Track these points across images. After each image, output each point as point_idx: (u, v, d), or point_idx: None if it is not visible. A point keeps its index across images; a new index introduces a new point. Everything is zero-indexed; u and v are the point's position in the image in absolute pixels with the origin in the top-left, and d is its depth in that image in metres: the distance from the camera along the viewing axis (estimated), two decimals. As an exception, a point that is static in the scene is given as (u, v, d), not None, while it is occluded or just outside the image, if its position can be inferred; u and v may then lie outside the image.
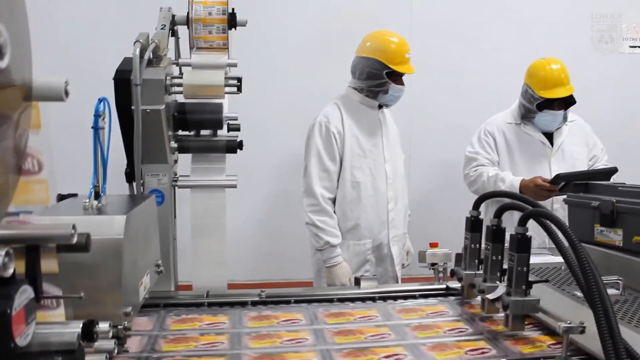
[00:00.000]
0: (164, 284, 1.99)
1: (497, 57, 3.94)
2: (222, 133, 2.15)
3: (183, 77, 2.03)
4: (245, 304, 1.93)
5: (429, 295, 2.03)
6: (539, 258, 2.70)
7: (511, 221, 1.71)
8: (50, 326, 0.96)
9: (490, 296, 1.66)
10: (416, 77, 3.74)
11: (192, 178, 2.13)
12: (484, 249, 1.77)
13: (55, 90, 0.89)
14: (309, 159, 2.91)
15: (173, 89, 2.00)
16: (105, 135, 1.59)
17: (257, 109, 3.49)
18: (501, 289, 1.63)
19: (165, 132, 1.96)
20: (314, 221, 2.86)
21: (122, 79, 1.86)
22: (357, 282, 2.11)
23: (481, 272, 1.80)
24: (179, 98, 2.11)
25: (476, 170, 3.24)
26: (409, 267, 3.19)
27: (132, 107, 1.84)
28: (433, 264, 2.13)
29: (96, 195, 1.56)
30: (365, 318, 1.80)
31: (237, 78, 2.05)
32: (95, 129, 1.55)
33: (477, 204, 1.92)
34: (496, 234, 1.71)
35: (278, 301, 1.95)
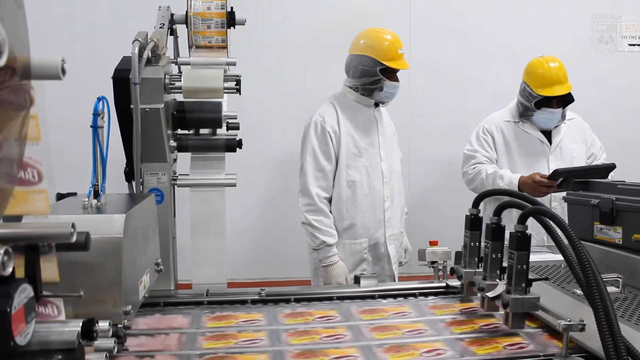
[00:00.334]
0: (164, 282, 1.99)
1: (497, 56, 3.93)
2: (222, 132, 2.15)
3: (182, 76, 2.02)
4: (245, 302, 1.94)
5: (429, 294, 2.04)
6: (539, 256, 2.71)
7: (510, 219, 1.72)
8: (50, 325, 0.96)
9: (490, 294, 1.66)
10: (416, 75, 3.76)
11: (191, 177, 2.13)
12: (483, 247, 1.77)
13: (52, 68, 0.89)
14: (304, 159, 2.91)
15: (172, 88, 1.99)
16: (104, 134, 1.59)
17: (255, 108, 3.50)
18: (501, 286, 1.63)
19: (164, 131, 1.96)
20: (310, 221, 2.85)
21: (121, 78, 1.85)
22: (356, 280, 2.11)
23: (481, 270, 1.80)
24: (178, 97, 2.11)
25: (474, 168, 3.24)
26: (408, 265, 3.19)
27: (131, 106, 1.84)
28: (433, 262, 2.13)
29: (95, 194, 1.56)
30: (399, 314, 1.85)
31: (236, 77, 2.05)
32: (95, 127, 1.55)
33: (476, 201, 1.91)
34: (496, 232, 1.70)
35: (278, 300, 1.96)
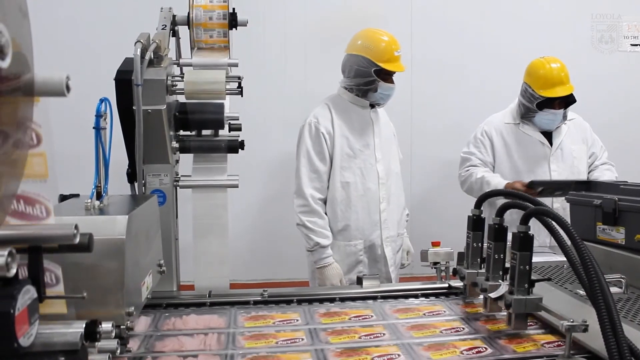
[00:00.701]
0: (166, 284, 1.99)
1: (498, 56, 3.94)
2: (224, 133, 2.15)
3: (184, 77, 2.03)
4: (247, 303, 1.94)
5: (431, 295, 2.04)
6: (541, 257, 2.71)
7: (510, 220, 1.72)
8: (53, 326, 0.96)
9: (493, 295, 1.66)
10: (417, 75, 3.77)
11: (193, 178, 2.13)
12: (486, 248, 1.77)
13: (57, 85, 0.89)
14: (299, 160, 2.90)
15: (174, 89, 2.00)
16: (106, 135, 1.59)
17: (256, 109, 3.49)
18: (503, 287, 1.63)
19: (166, 132, 1.96)
20: (304, 222, 2.85)
21: (123, 80, 1.85)
22: (359, 281, 2.11)
23: (483, 271, 1.80)
24: (180, 98, 2.11)
25: (467, 171, 3.26)
26: (410, 266, 3.18)
27: (134, 108, 1.84)
28: (435, 263, 2.13)
29: (98, 196, 1.56)
30: (434, 313, 1.85)
31: (238, 78, 2.05)
32: (97, 129, 1.55)
33: (479, 202, 1.92)
34: (498, 233, 1.71)
35: (279, 301, 1.96)
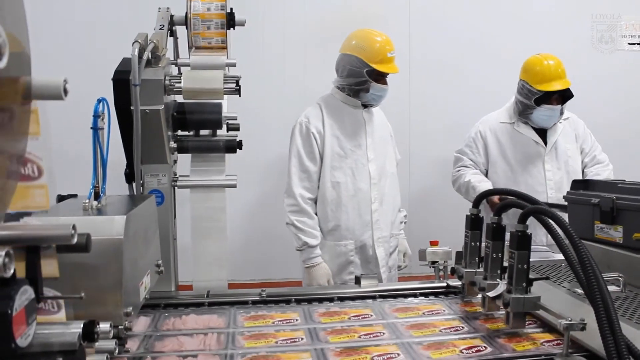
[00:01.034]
0: (165, 284, 1.99)
1: (497, 56, 3.93)
2: (222, 133, 2.15)
3: (182, 77, 2.03)
4: (246, 303, 1.95)
5: (430, 294, 2.04)
6: (539, 255, 2.71)
7: (506, 218, 1.72)
8: (51, 327, 0.96)
9: (491, 294, 1.66)
10: (416, 75, 3.77)
11: (191, 178, 2.13)
12: (484, 247, 1.77)
13: (54, 88, 0.89)
14: (290, 159, 2.90)
15: (172, 89, 1.99)
16: (104, 135, 1.59)
17: (254, 108, 3.48)
18: (502, 286, 1.63)
19: (164, 132, 1.96)
20: (293, 221, 2.84)
21: (121, 80, 1.85)
22: (357, 281, 2.12)
23: (482, 270, 1.81)
24: (178, 98, 2.11)
25: (458, 171, 3.28)
26: (409, 267, 3.17)
27: (131, 108, 1.84)
28: (433, 262, 2.13)
29: (96, 196, 1.56)
30: (433, 312, 1.86)
31: (236, 78, 2.05)
32: (95, 129, 1.55)
33: (477, 201, 1.92)
34: (496, 232, 1.71)
35: (278, 300, 1.96)
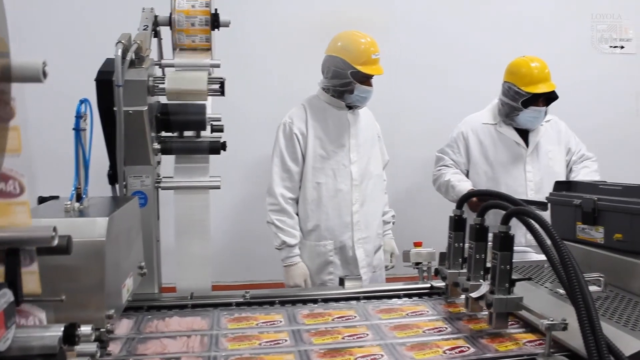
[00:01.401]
0: (148, 286, 1.98)
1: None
2: (206, 134, 2.14)
3: (166, 78, 2.01)
4: (229, 305, 1.94)
5: (414, 295, 2.05)
6: (521, 256, 2.73)
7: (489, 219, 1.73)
8: (31, 330, 0.95)
9: (474, 294, 1.67)
10: (399, 77, 3.77)
11: (175, 179, 2.11)
12: (467, 248, 1.78)
13: (33, 70, 0.88)
14: (272, 159, 2.94)
15: (156, 90, 1.98)
16: (87, 136, 1.58)
17: (238, 109, 3.47)
18: (484, 287, 1.64)
19: (148, 133, 1.95)
20: (273, 220, 2.88)
21: (104, 80, 1.84)
22: (341, 282, 2.12)
23: (465, 271, 1.82)
24: (162, 99, 2.10)
25: (439, 171, 3.31)
26: (394, 268, 3.18)
27: (115, 109, 1.83)
28: (417, 264, 2.14)
29: (78, 197, 1.54)
30: (417, 313, 1.87)
31: (220, 79, 2.04)
32: (77, 130, 1.54)
33: (460, 203, 1.93)
34: (479, 233, 1.72)
35: (262, 302, 1.96)
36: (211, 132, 2.14)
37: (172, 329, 1.72)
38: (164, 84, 1.98)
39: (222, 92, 2.05)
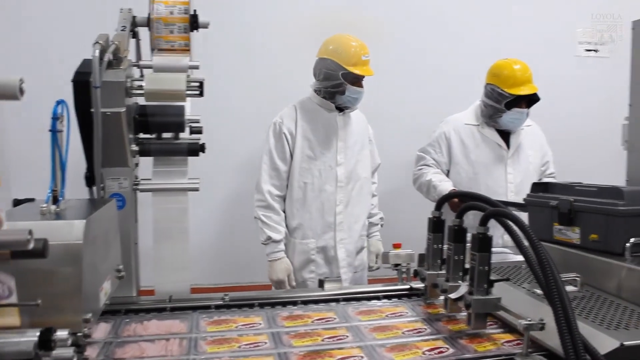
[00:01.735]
0: (126, 289, 1.96)
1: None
2: (184, 136, 2.13)
3: (144, 79, 2.00)
4: (208, 307, 1.93)
5: (393, 296, 2.05)
6: (499, 257, 2.76)
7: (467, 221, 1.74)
8: (6, 336, 0.93)
9: (453, 295, 1.68)
10: (386, 79, 3.78)
11: (153, 181, 2.10)
12: (446, 249, 1.79)
13: (10, 88, 0.87)
14: (262, 157, 3.02)
15: (134, 92, 1.96)
16: (63, 138, 1.55)
17: (220, 110, 3.45)
18: (463, 288, 1.65)
19: (125, 135, 1.93)
20: (260, 216, 2.97)
21: (82, 81, 1.81)
22: (320, 284, 2.12)
23: (444, 272, 1.83)
24: (140, 100, 2.08)
25: (420, 170, 3.32)
26: (380, 269, 3.18)
27: (92, 110, 1.81)
28: (396, 265, 2.15)
29: (54, 200, 1.52)
30: (396, 314, 1.87)
31: (199, 81, 2.03)
32: (53, 132, 1.52)
33: (439, 204, 1.94)
34: (458, 234, 1.73)
35: (241, 304, 1.95)
36: (190, 134, 2.13)
37: (150, 332, 1.71)
38: (142, 85, 1.96)
39: (200, 93, 2.04)
